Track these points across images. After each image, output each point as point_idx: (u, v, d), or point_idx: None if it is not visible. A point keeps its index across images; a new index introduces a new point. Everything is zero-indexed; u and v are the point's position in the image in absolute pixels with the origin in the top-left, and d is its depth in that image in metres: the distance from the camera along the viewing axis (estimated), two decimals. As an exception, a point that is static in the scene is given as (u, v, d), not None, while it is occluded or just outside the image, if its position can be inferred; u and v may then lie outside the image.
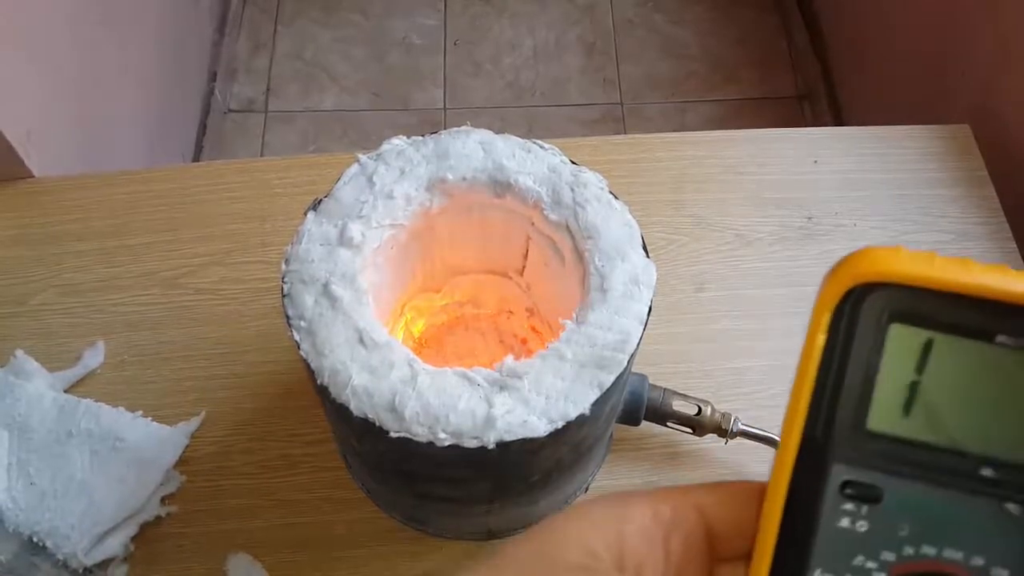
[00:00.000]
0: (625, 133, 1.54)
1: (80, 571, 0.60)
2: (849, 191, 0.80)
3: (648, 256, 0.51)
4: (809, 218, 0.78)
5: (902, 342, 0.23)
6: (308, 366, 0.46)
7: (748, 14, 1.68)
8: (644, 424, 0.62)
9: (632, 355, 0.47)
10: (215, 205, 0.77)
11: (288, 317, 0.48)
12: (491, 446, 0.44)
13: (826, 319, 0.24)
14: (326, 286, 0.48)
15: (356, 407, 0.45)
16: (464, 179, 0.52)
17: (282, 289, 0.49)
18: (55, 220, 0.76)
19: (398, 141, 0.54)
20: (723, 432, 0.62)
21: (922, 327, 0.23)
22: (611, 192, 0.52)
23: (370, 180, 0.52)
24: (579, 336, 0.47)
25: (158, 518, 0.63)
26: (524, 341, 0.65)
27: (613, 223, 0.51)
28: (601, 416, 0.50)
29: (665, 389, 0.62)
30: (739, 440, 0.62)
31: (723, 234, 0.77)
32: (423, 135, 0.54)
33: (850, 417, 0.24)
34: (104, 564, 0.61)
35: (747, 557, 0.24)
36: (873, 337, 0.23)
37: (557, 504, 0.63)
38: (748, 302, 0.74)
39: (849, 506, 0.23)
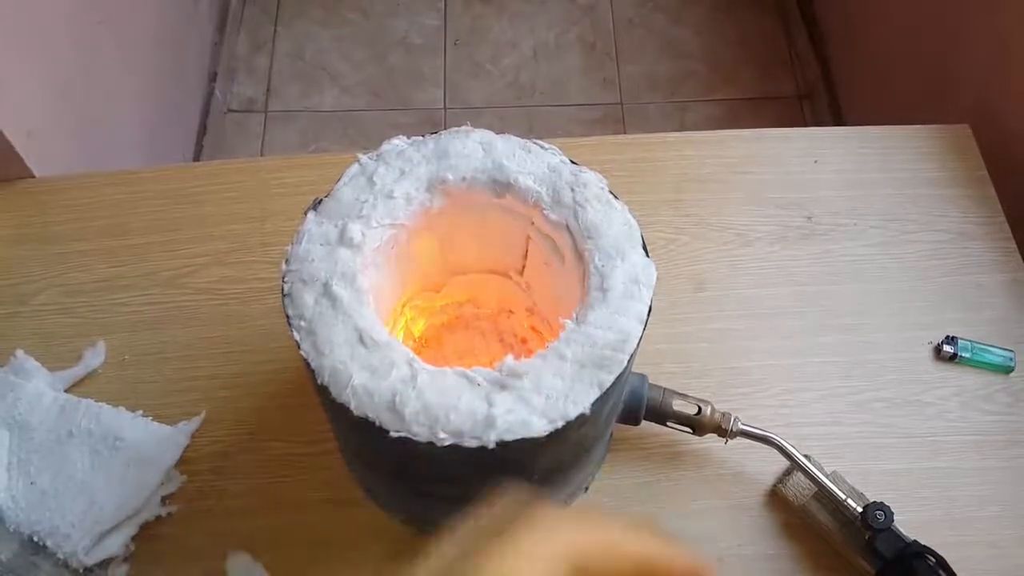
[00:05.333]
0: (625, 133, 1.53)
1: (80, 571, 0.60)
2: (849, 191, 0.80)
3: (648, 256, 0.51)
4: (809, 218, 0.78)
5: None
6: (308, 366, 0.46)
7: (748, 14, 1.68)
8: (644, 424, 0.62)
9: (632, 355, 0.47)
10: (215, 205, 0.77)
11: (288, 317, 0.48)
12: (491, 446, 0.44)
13: None
14: (326, 286, 0.48)
15: (356, 407, 0.45)
16: (464, 179, 0.52)
17: (282, 289, 0.49)
18: (55, 220, 0.76)
19: (398, 141, 0.54)
20: (723, 432, 0.62)
21: None
22: (611, 192, 0.52)
23: (370, 180, 0.52)
24: (579, 336, 0.47)
25: (158, 518, 0.63)
26: (524, 341, 0.65)
27: (613, 223, 0.51)
28: (601, 416, 0.50)
29: (665, 389, 0.62)
30: (739, 440, 0.62)
31: (723, 234, 0.77)
32: (423, 135, 0.54)
33: None
34: (104, 564, 0.61)
35: None
36: None
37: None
38: (748, 302, 0.74)
39: None
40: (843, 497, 0.61)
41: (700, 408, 0.62)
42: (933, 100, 1.11)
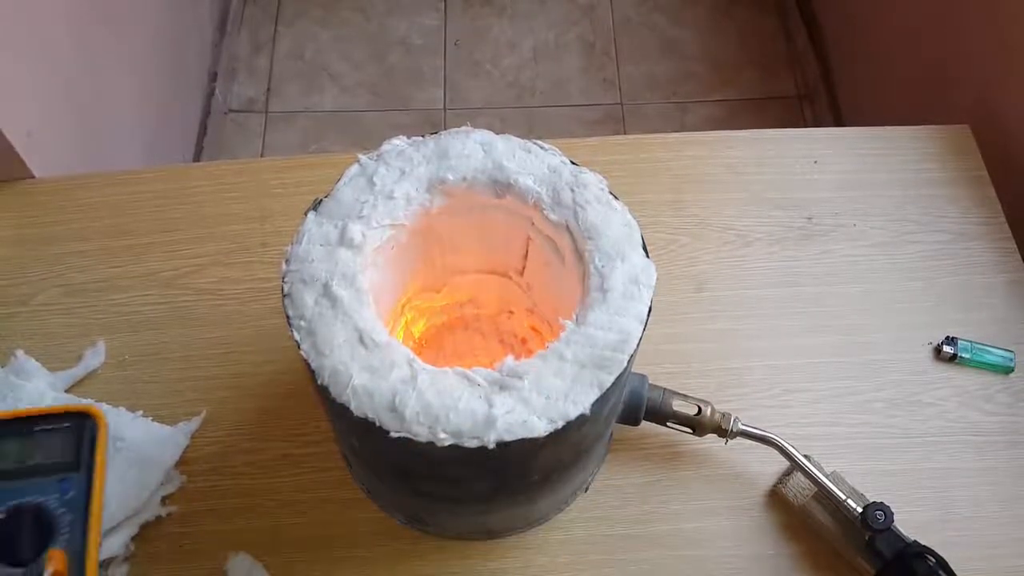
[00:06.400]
0: (625, 133, 1.54)
1: (80, 571, 0.60)
2: (849, 191, 0.80)
3: (648, 256, 0.51)
4: (809, 218, 0.78)
5: None
6: (308, 366, 0.46)
7: (748, 15, 1.68)
8: (644, 424, 0.62)
9: (632, 355, 0.47)
10: (215, 205, 0.77)
11: (288, 317, 0.48)
12: (491, 446, 0.44)
13: None
14: (326, 286, 0.48)
15: (356, 407, 0.45)
16: (464, 179, 0.52)
17: (282, 289, 0.49)
18: (55, 220, 0.76)
19: (398, 141, 0.54)
20: (723, 432, 0.62)
21: None
22: (611, 192, 0.52)
23: (370, 180, 0.52)
24: (579, 336, 0.47)
25: (158, 518, 0.63)
26: (524, 341, 0.65)
27: (613, 223, 0.51)
28: (601, 416, 0.50)
29: (665, 389, 0.62)
30: (739, 440, 0.62)
31: (723, 234, 0.77)
32: (423, 135, 0.54)
33: None
34: (105, 564, 0.60)
35: None
36: None
37: (557, 504, 0.63)
38: (748, 302, 0.74)
39: None
40: (843, 497, 0.61)
41: (700, 408, 0.62)
42: (933, 100, 1.11)
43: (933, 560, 0.58)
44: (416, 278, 0.60)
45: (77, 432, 0.55)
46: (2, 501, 0.53)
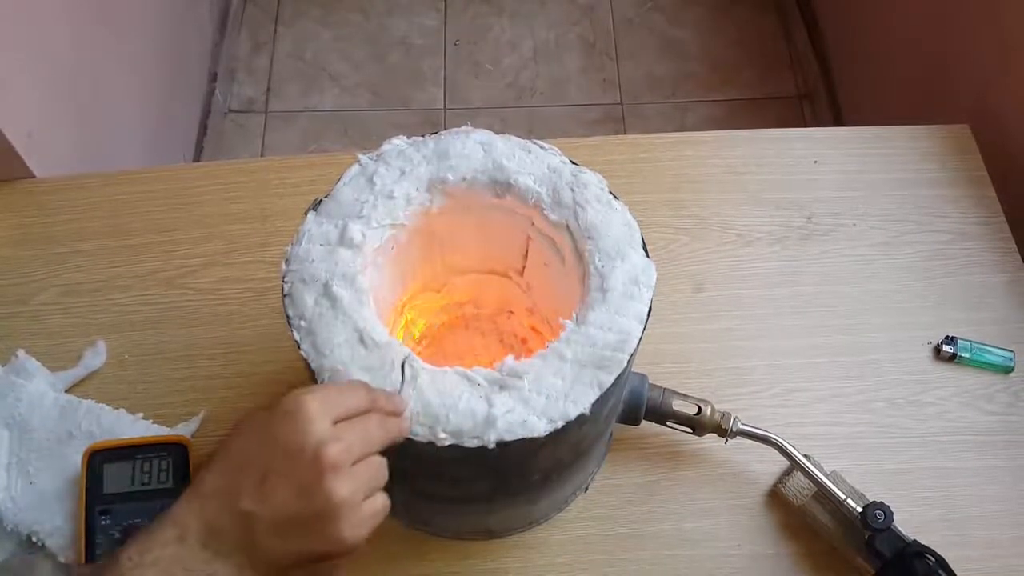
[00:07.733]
0: (625, 133, 1.53)
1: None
2: (849, 191, 0.80)
3: (648, 256, 0.51)
4: (809, 218, 0.78)
5: None
6: (308, 366, 0.46)
7: (748, 14, 1.68)
8: (644, 424, 0.62)
9: (632, 355, 0.47)
10: (215, 205, 0.77)
11: (288, 317, 0.48)
12: (491, 446, 0.44)
13: None
14: (326, 286, 0.48)
15: (356, 407, 0.45)
16: (464, 179, 0.52)
17: (282, 289, 0.49)
18: (55, 220, 0.76)
19: (398, 141, 0.54)
20: (723, 432, 0.62)
21: None
22: (611, 192, 0.52)
23: (370, 180, 0.52)
24: (579, 336, 0.47)
25: (158, 518, 0.63)
26: (524, 341, 0.65)
27: (613, 223, 0.51)
28: (601, 416, 0.50)
29: (665, 389, 0.62)
30: (739, 440, 0.62)
31: (723, 234, 0.77)
32: (423, 135, 0.54)
33: None
34: (105, 564, 0.61)
35: None
36: None
37: (557, 504, 0.63)
38: (748, 302, 0.74)
39: None
40: (843, 497, 0.61)
41: (700, 408, 0.62)
42: (933, 100, 1.11)
43: (933, 560, 0.58)
44: (416, 278, 0.60)
45: (172, 459, 0.61)
46: (118, 521, 0.59)
